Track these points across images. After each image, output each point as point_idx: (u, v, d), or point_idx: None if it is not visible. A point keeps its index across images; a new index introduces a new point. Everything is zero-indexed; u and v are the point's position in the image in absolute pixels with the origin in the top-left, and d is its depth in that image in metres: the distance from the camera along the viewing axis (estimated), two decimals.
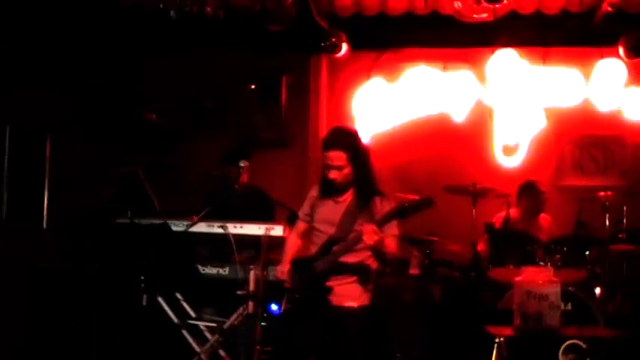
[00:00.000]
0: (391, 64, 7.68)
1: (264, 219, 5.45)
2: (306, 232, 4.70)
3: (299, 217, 4.75)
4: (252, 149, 6.36)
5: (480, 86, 7.52)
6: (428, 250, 6.36)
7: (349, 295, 4.38)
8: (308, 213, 4.66)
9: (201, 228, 5.44)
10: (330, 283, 4.38)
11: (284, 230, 5.17)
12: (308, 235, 4.69)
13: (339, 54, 7.55)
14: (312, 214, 4.62)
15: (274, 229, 5.16)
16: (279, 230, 5.18)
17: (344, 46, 7.50)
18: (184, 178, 7.34)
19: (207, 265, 5.51)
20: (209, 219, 5.38)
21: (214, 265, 5.49)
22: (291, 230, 4.92)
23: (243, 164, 5.69)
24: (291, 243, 4.76)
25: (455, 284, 6.50)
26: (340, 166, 4.42)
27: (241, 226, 5.39)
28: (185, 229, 5.42)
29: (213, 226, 5.44)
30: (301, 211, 4.73)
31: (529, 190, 6.82)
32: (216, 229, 5.41)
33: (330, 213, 4.50)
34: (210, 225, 5.46)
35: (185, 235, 5.40)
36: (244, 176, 5.93)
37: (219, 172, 6.08)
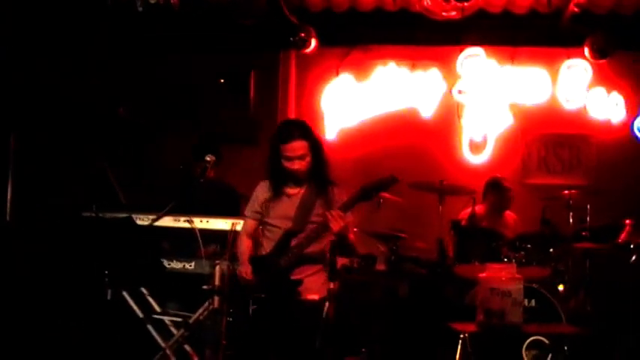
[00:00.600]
0: (360, 61, 7.70)
1: (230, 214, 5.42)
2: (255, 229, 4.65)
3: (246, 216, 4.67)
4: (220, 144, 6.32)
5: (448, 84, 7.57)
6: (395, 247, 6.37)
7: (311, 288, 4.36)
8: (258, 210, 4.58)
9: (167, 222, 5.41)
10: (297, 276, 4.36)
11: None
12: (257, 233, 4.65)
13: (307, 49, 7.55)
14: (263, 211, 4.56)
15: (240, 223, 5.09)
16: None
17: (313, 42, 7.51)
18: (151, 172, 7.28)
19: (173, 260, 5.48)
20: (175, 213, 5.35)
21: (180, 260, 5.46)
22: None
23: (209, 158, 5.64)
24: (245, 243, 4.66)
25: (421, 280, 6.50)
26: (303, 155, 4.41)
27: (207, 221, 5.39)
28: (150, 223, 5.38)
29: (179, 221, 5.43)
30: (249, 210, 4.64)
31: (495, 187, 6.86)
32: (183, 223, 5.38)
33: (286, 208, 4.48)
34: (177, 219, 5.44)
35: (150, 229, 5.36)
36: (211, 171, 5.88)
37: (185, 167, 6.04)
